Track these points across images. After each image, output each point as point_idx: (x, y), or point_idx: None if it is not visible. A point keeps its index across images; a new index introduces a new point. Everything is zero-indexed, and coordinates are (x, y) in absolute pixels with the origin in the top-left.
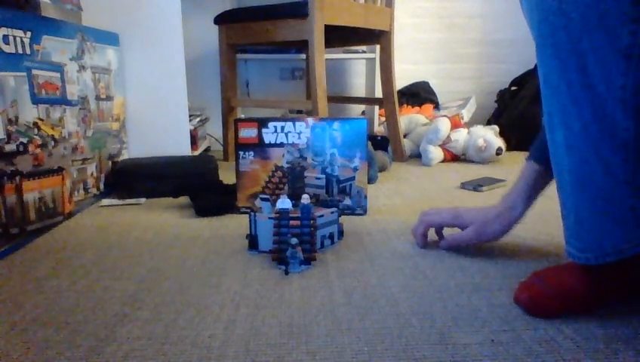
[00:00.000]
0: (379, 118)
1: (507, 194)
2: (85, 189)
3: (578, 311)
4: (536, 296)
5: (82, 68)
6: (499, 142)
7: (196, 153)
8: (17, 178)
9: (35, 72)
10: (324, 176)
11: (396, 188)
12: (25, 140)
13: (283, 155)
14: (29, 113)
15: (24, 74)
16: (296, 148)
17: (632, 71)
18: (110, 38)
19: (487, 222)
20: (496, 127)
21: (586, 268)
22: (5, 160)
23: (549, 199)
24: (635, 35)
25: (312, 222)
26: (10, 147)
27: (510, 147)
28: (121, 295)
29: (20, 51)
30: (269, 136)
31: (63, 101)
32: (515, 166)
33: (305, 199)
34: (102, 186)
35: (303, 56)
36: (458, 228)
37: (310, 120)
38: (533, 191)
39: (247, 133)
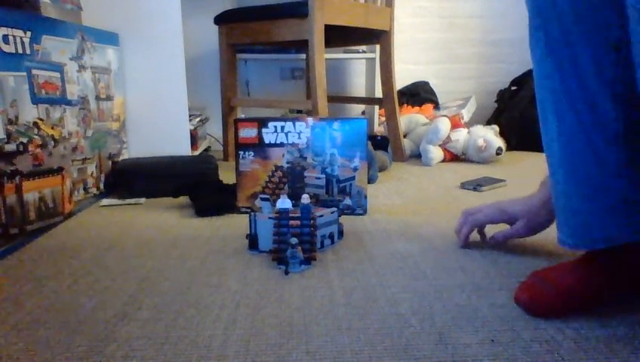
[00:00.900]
0: (379, 118)
1: (545, 181)
2: (85, 189)
3: (578, 310)
4: (536, 296)
5: (82, 68)
6: (499, 142)
7: (196, 153)
8: (17, 178)
9: (35, 71)
10: (324, 176)
11: (396, 188)
12: (25, 140)
13: (283, 155)
14: (29, 113)
15: (24, 74)
16: (296, 148)
17: (620, 63)
18: (110, 38)
19: (535, 213)
20: (496, 127)
21: (585, 267)
22: (5, 160)
23: None
24: (624, 29)
25: (312, 222)
26: (10, 147)
27: (510, 147)
28: (121, 295)
29: (20, 51)
30: (269, 136)
31: (63, 101)
32: (516, 166)
33: (305, 199)
34: (102, 186)
35: (303, 56)
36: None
37: (310, 120)
38: None
39: (247, 132)
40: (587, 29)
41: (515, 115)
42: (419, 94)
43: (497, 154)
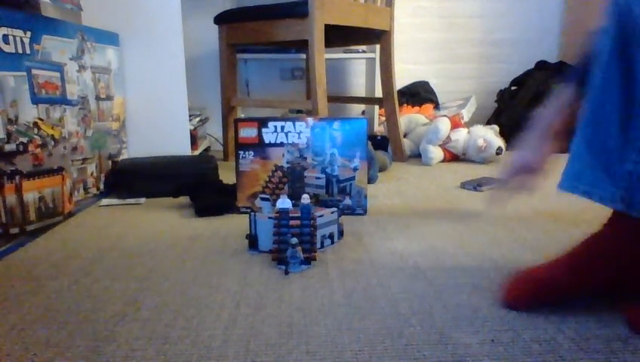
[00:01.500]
0: (379, 118)
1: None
2: (85, 189)
3: (562, 300)
4: (515, 289)
5: (82, 68)
6: (499, 142)
7: (196, 153)
8: (17, 178)
9: (35, 71)
10: (324, 176)
11: (396, 188)
12: (25, 140)
13: (283, 155)
14: (29, 113)
15: (24, 74)
16: (296, 148)
17: None
18: (110, 38)
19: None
20: (496, 127)
21: (570, 258)
22: (5, 160)
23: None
24: None
25: (312, 222)
26: (10, 147)
27: (510, 147)
28: (121, 295)
29: (20, 51)
30: (269, 136)
31: (63, 101)
32: None
33: (305, 199)
34: (102, 186)
35: (303, 56)
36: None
37: (310, 120)
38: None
39: (247, 132)
40: None
41: (515, 115)
42: (419, 94)
43: (497, 154)
